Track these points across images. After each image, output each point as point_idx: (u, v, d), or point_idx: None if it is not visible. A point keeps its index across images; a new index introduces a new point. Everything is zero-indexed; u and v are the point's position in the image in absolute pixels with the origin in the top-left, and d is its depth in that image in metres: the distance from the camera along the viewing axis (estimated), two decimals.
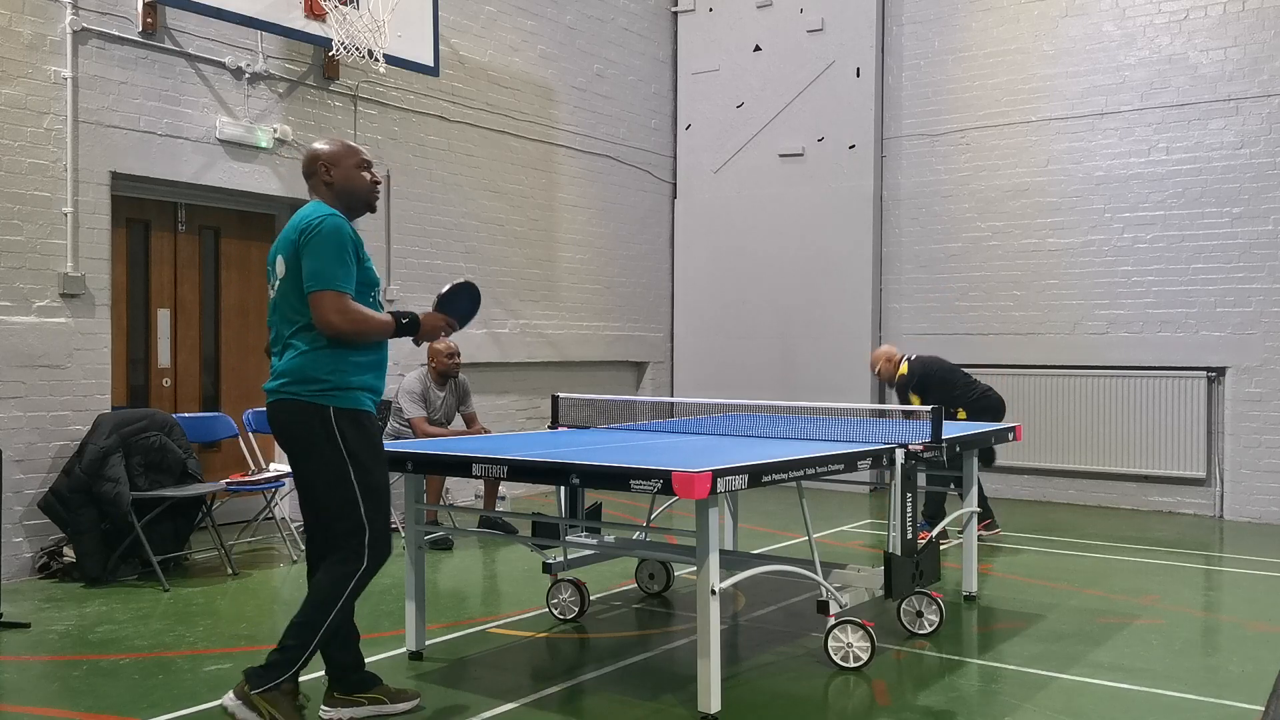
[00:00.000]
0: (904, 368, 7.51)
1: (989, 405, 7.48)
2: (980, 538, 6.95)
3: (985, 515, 7.41)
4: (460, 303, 3.95)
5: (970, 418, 7.28)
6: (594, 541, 5.35)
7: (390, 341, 3.82)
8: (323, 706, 3.84)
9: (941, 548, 6.63)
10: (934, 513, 7.30)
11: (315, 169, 3.80)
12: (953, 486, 6.81)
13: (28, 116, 6.32)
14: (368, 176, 3.83)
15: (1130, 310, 9.23)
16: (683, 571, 6.05)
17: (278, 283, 3.68)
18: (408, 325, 3.74)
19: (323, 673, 3.93)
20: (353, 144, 3.88)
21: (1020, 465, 9.53)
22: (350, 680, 3.87)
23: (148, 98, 6.88)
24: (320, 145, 3.85)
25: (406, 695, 3.96)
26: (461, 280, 3.98)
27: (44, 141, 6.39)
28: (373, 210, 3.89)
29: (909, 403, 7.35)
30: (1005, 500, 9.52)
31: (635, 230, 11.02)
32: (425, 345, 7.88)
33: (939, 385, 7.38)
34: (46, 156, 6.40)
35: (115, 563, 6.15)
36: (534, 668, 4.68)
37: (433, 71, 8.34)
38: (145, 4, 6.81)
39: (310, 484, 3.72)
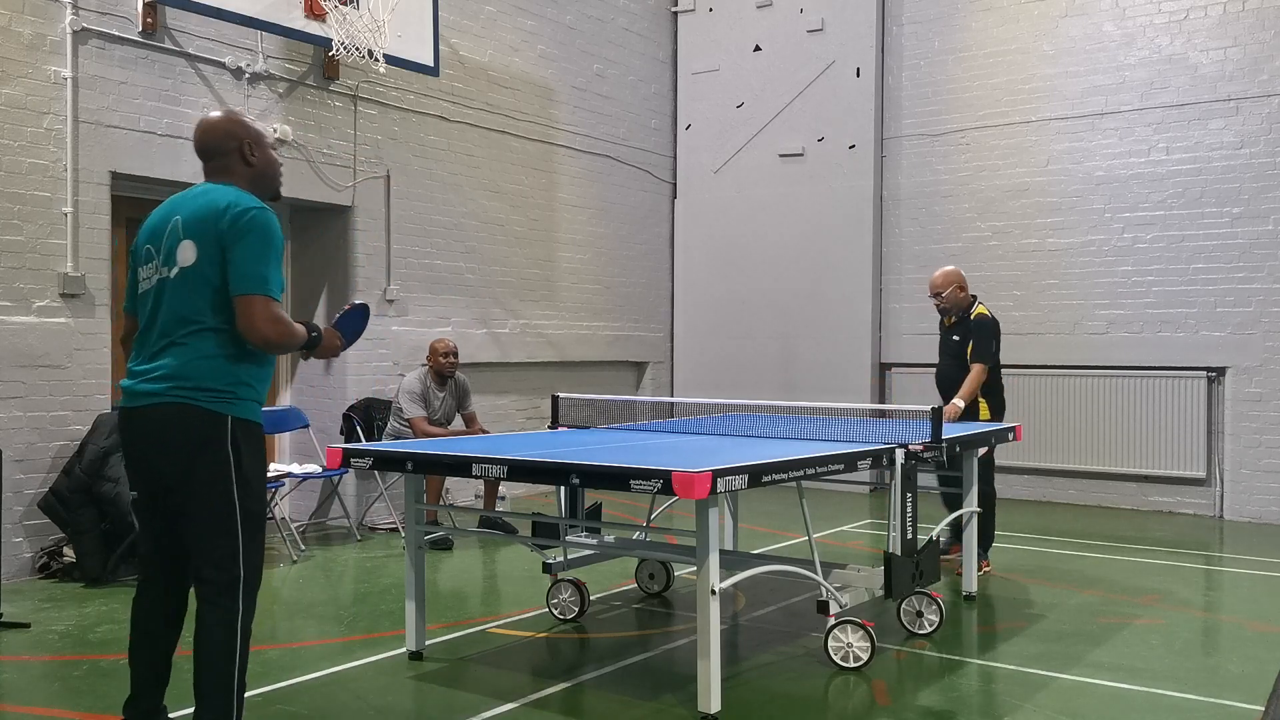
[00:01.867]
0: (984, 309, 6.73)
1: (1000, 405, 6.80)
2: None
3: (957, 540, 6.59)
4: (353, 322, 3.62)
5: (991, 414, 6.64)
6: (594, 541, 5.35)
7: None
8: None
9: (951, 556, 6.52)
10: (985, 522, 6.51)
11: (234, 146, 3.38)
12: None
13: (28, 116, 6.31)
14: (279, 159, 3.56)
15: (1130, 310, 9.22)
16: (683, 571, 6.04)
17: (176, 270, 3.21)
18: (314, 339, 3.38)
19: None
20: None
21: (1020, 465, 9.52)
22: None
23: (148, 98, 6.88)
24: (235, 117, 3.43)
25: None
26: (360, 302, 3.69)
27: (44, 141, 6.39)
28: (279, 197, 3.58)
29: (987, 352, 6.49)
30: (1005, 500, 9.50)
31: (635, 230, 11.02)
32: (427, 345, 7.92)
33: (996, 357, 6.69)
34: (46, 156, 6.40)
35: (115, 563, 6.15)
36: (534, 668, 4.68)
37: (433, 71, 8.34)
38: (145, 4, 6.81)
39: (184, 503, 3.24)
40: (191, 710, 3.20)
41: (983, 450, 6.41)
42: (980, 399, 6.70)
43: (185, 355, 3.19)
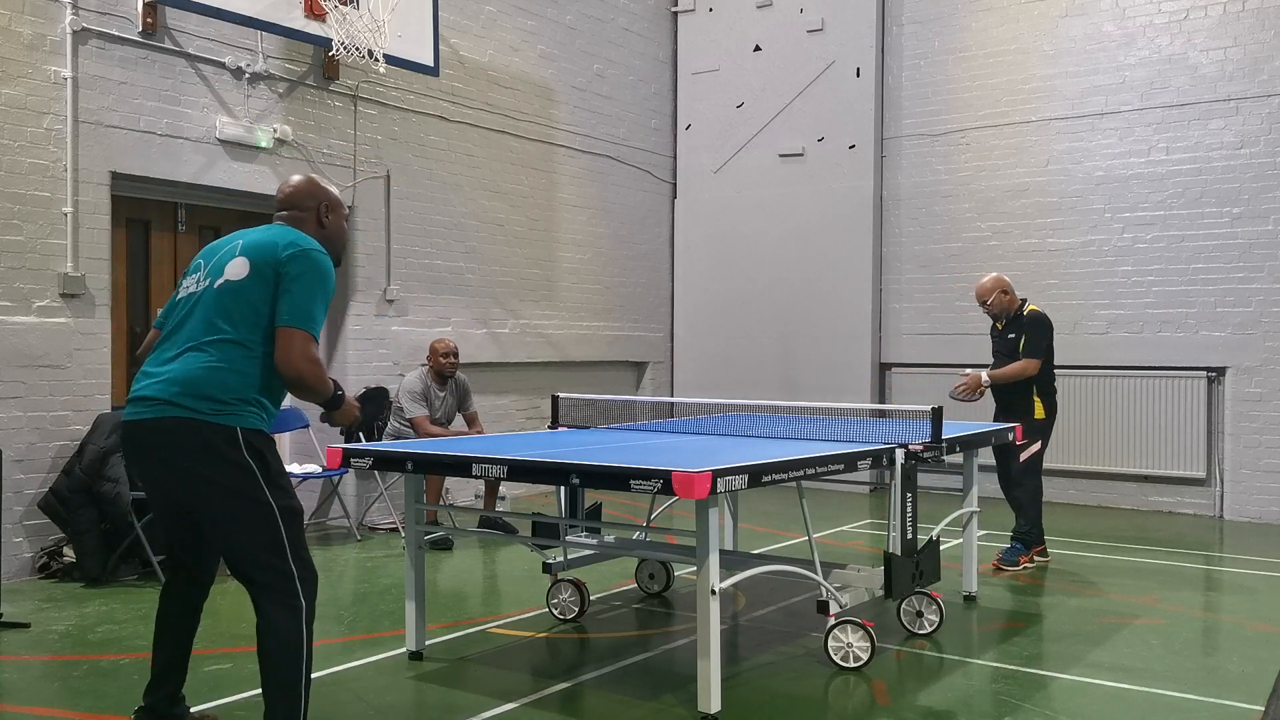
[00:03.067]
0: (1035, 307, 6.77)
1: (1054, 406, 6.85)
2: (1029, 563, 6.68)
3: (1036, 540, 6.75)
4: (372, 404, 3.74)
5: (1045, 416, 6.71)
6: (594, 541, 5.35)
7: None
8: None
9: (1026, 566, 6.59)
10: (1034, 519, 6.68)
11: (313, 205, 3.53)
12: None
13: (28, 116, 6.31)
14: (346, 230, 3.70)
15: (1130, 310, 9.23)
16: (683, 571, 6.04)
17: (222, 281, 3.26)
18: (338, 397, 3.40)
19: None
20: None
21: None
22: (161, 713, 3.53)
23: (148, 98, 6.88)
24: (321, 182, 3.60)
25: (209, 717, 3.78)
26: (380, 387, 3.79)
27: (44, 141, 6.39)
28: (339, 264, 3.58)
29: (1039, 347, 6.57)
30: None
31: (635, 230, 11.02)
32: (428, 345, 7.92)
33: (1050, 355, 6.76)
34: (46, 156, 6.40)
35: (115, 563, 6.15)
36: (534, 668, 4.68)
37: (433, 71, 8.34)
38: (145, 4, 6.81)
39: (216, 515, 3.26)
40: (209, 704, 3.18)
41: (1032, 448, 6.55)
42: (1036, 398, 6.75)
43: (200, 361, 3.20)
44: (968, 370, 6.85)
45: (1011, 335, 6.78)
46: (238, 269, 3.26)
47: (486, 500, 7.79)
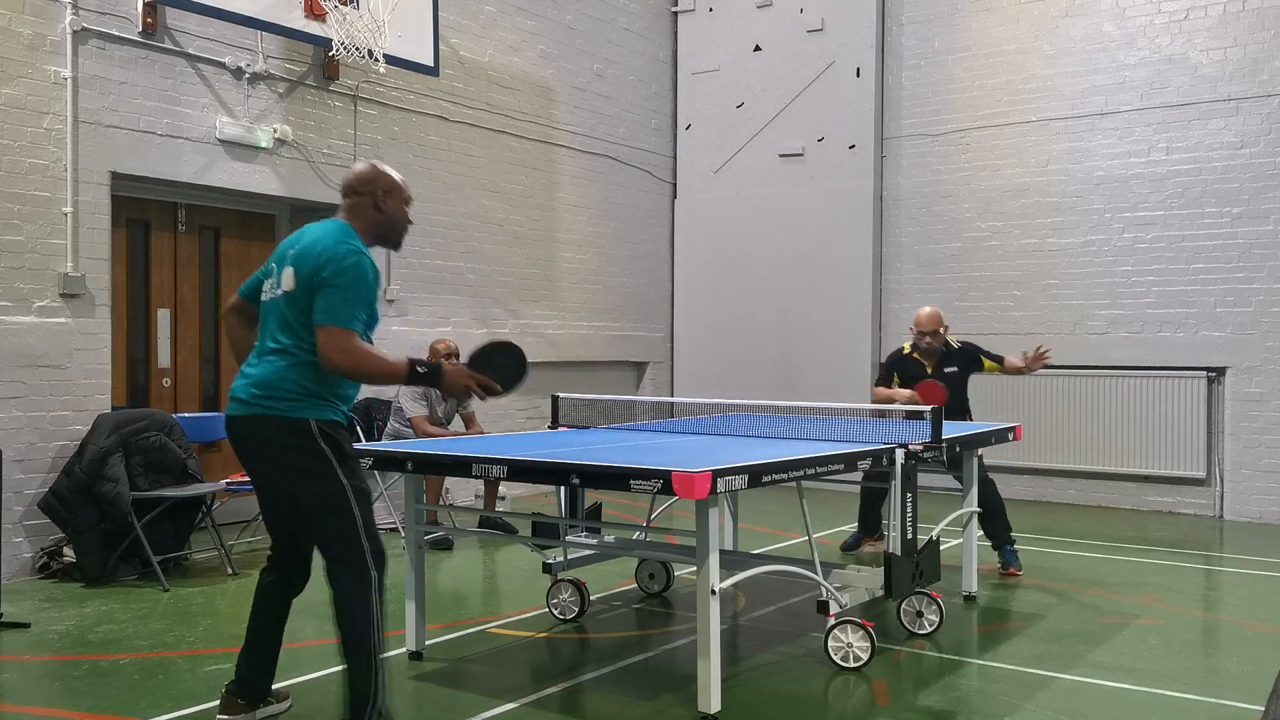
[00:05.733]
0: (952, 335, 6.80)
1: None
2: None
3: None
4: (496, 360, 3.79)
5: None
6: (594, 541, 5.35)
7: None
8: (220, 717, 3.77)
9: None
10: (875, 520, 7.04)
11: (370, 190, 3.64)
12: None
13: (28, 116, 6.31)
14: (410, 214, 3.78)
15: (1130, 310, 9.22)
16: (683, 571, 6.04)
17: (281, 292, 3.52)
18: (425, 374, 3.53)
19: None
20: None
21: (1020, 465, 9.52)
22: (253, 682, 3.83)
23: (148, 98, 6.88)
24: (380, 166, 3.69)
25: (282, 694, 4.04)
26: (502, 342, 3.80)
27: (44, 141, 6.39)
28: (398, 248, 3.86)
29: (959, 379, 6.64)
30: (1006, 501, 9.49)
31: (635, 230, 11.02)
32: (428, 345, 7.92)
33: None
34: (46, 156, 6.40)
35: (115, 563, 6.15)
36: (534, 668, 4.68)
37: (433, 71, 8.34)
38: (145, 4, 6.81)
39: (298, 499, 3.55)
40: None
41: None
42: (969, 403, 6.79)
43: (274, 364, 3.51)
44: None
45: (953, 368, 6.66)
46: (288, 280, 3.50)
47: (486, 500, 7.78)
